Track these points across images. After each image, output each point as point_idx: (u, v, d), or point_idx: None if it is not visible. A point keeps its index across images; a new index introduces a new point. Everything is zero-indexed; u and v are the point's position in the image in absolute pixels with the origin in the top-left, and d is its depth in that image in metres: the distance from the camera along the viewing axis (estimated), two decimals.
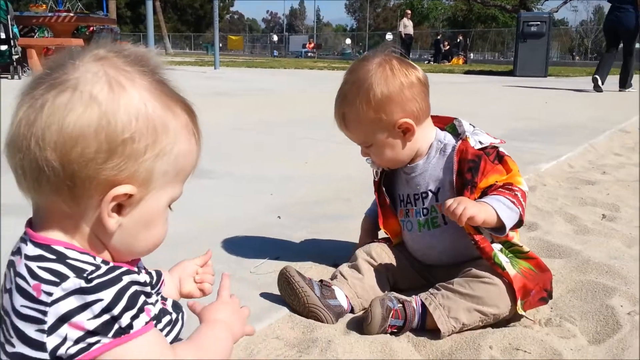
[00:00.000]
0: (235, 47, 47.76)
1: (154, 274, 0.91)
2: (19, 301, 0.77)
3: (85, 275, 0.77)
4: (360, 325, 1.68)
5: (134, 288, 0.80)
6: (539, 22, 15.93)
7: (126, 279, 0.79)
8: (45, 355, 0.76)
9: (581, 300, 1.91)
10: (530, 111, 7.67)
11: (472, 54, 37.74)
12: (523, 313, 1.71)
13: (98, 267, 0.79)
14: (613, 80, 10.77)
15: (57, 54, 0.83)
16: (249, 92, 10.14)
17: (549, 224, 2.70)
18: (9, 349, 0.79)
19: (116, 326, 0.77)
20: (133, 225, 0.83)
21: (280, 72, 16.72)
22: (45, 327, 0.76)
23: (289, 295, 1.75)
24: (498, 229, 1.65)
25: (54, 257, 0.78)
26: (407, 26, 24.51)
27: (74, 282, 0.76)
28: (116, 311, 0.77)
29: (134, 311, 0.78)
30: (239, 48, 48.26)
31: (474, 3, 40.36)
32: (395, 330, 1.66)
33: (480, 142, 1.78)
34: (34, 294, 0.76)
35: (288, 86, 11.86)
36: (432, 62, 28.30)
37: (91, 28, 17.51)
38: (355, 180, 3.45)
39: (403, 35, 24.58)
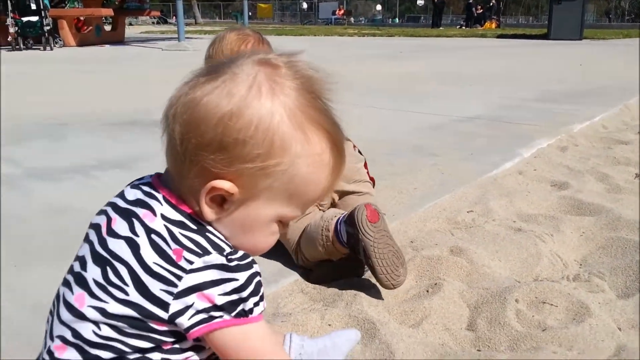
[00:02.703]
0: (265, 15, 47.41)
1: None
2: (151, 257, 0.79)
3: (225, 254, 0.80)
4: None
5: (259, 278, 0.83)
6: None
7: (255, 268, 0.83)
8: (164, 315, 0.79)
9: (611, 257, 1.89)
10: (564, 73, 7.49)
11: (505, 19, 36.73)
12: None
13: (235, 250, 0.82)
14: None
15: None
16: None
17: (580, 183, 2.66)
18: (117, 294, 0.80)
19: (240, 307, 0.80)
20: (231, 224, 0.83)
21: (308, 39, 16.59)
22: (175, 290, 0.78)
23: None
24: None
25: (195, 227, 0.81)
26: None
27: (216, 257, 0.79)
28: (245, 293, 0.80)
29: (257, 298, 0.82)
30: (268, 16, 47.89)
31: None
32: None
33: None
34: (174, 257, 0.79)
35: (313, 51, 11.76)
36: (464, 27, 27.71)
37: None
38: (384, 143, 3.44)
39: (435, 1, 24.10)
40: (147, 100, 4.66)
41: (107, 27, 16.43)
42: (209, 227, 0.83)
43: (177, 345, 0.85)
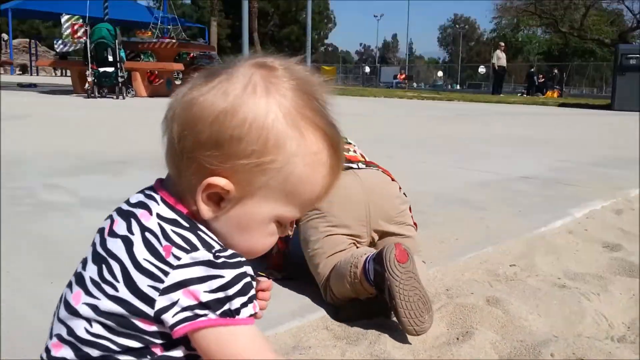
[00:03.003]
0: (329, 77, 48.48)
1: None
2: (142, 254, 0.80)
3: (213, 251, 0.80)
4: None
5: (249, 279, 0.81)
6: (638, 55, 15.12)
7: (245, 268, 0.81)
8: (151, 311, 0.79)
9: None
10: (624, 141, 7.27)
11: (569, 89, 36.29)
12: None
13: (224, 248, 0.82)
14: None
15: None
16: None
17: (634, 246, 2.53)
18: (108, 290, 0.81)
19: (227, 306, 0.78)
20: (228, 223, 0.83)
21: (368, 100, 16.81)
22: (161, 286, 0.78)
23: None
24: None
25: (187, 225, 0.81)
26: (500, 58, 23.96)
27: (204, 254, 0.79)
28: (231, 292, 0.78)
29: (244, 299, 0.80)
30: (331, 78, 49.01)
31: (571, 37, 39.04)
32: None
33: None
34: (163, 253, 0.79)
35: (372, 110, 11.89)
36: (524, 95, 27.52)
37: (191, 54, 18.40)
38: (431, 195, 3.40)
39: (496, 67, 24.08)
40: None
41: (178, 82, 17.14)
42: (202, 227, 0.82)
43: (169, 353, 0.83)
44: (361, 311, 1.73)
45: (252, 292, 0.82)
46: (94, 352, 0.82)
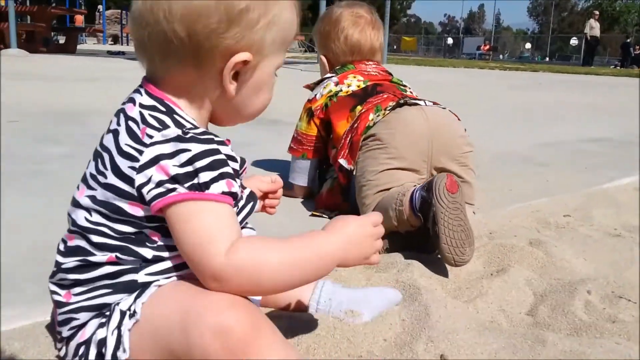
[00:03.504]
0: (409, 48, 47.61)
1: (238, 158, 0.92)
2: (125, 140, 0.84)
3: (184, 129, 0.84)
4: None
5: (222, 156, 0.84)
6: None
7: (217, 146, 0.84)
8: (133, 191, 0.83)
9: None
10: None
11: None
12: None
13: (196, 127, 0.86)
14: None
15: None
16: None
17: None
18: (101, 179, 0.86)
19: (195, 180, 0.81)
20: (246, 91, 0.91)
21: (445, 70, 16.39)
22: (137, 165, 0.82)
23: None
24: None
25: (164, 109, 0.86)
26: (593, 27, 22.70)
27: (174, 130, 0.83)
28: (198, 164, 0.81)
29: (214, 173, 0.82)
30: (412, 49, 48.02)
31: None
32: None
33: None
34: (139, 135, 0.83)
35: (447, 79, 11.59)
36: (618, 67, 25.96)
37: None
38: (491, 152, 3.30)
39: (588, 37, 22.86)
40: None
41: None
42: (179, 111, 0.87)
43: (170, 242, 0.86)
44: (399, 244, 1.71)
45: (226, 169, 0.83)
46: (96, 239, 0.87)
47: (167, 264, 0.88)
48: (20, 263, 1.47)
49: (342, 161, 1.91)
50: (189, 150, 0.81)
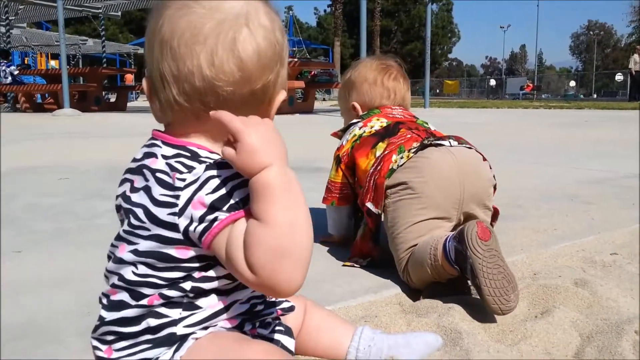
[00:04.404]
0: (451, 91, 47.63)
1: None
2: (158, 191, 0.88)
3: (209, 162, 0.88)
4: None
5: (243, 178, 0.86)
6: None
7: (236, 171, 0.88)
8: (179, 236, 0.86)
9: None
10: None
11: None
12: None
13: (219, 158, 0.89)
14: None
15: None
16: (446, 125, 10.06)
17: None
18: (141, 232, 0.89)
19: (231, 200, 0.84)
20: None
21: (489, 111, 16.30)
22: (177, 209, 0.85)
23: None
24: None
25: (189, 154, 0.89)
26: (637, 62, 22.25)
27: (201, 167, 0.87)
28: (230, 185, 0.85)
29: (247, 190, 0.85)
30: (454, 92, 48.04)
31: None
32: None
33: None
34: (171, 182, 0.87)
35: (491, 120, 11.51)
36: None
37: (312, 72, 18.91)
38: (535, 190, 3.25)
39: (633, 72, 22.43)
40: (311, 151, 4.93)
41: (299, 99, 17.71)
42: (202, 152, 0.89)
43: (206, 274, 0.89)
44: (443, 290, 1.70)
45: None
46: (146, 291, 0.89)
47: (205, 314, 0.90)
48: (67, 317, 1.52)
49: (369, 205, 1.88)
50: (219, 175, 0.85)
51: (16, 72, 14.58)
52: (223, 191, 0.84)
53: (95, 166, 4.44)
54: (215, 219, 0.83)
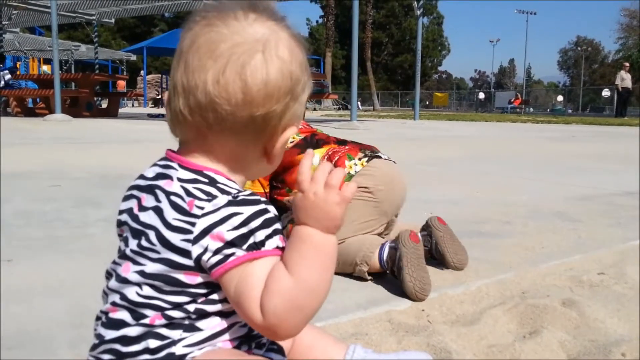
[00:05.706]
0: (441, 104, 47.94)
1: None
2: (171, 214, 0.88)
3: (233, 194, 0.88)
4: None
5: (271, 214, 0.88)
6: None
7: (265, 205, 0.88)
8: (190, 262, 0.86)
9: None
10: None
11: None
12: None
13: (243, 191, 0.90)
14: None
15: None
16: (436, 137, 10.14)
17: None
18: (151, 254, 0.89)
19: (251, 240, 0.85)
20: (281, 152, 0.97)
21: (477, 124, 16.43)
22: (191, 237, 0.85)
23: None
24: None
25: (207, 180, 0.90)
26: (624, 79, 22.56)
27: (224, 198, 0.87)
28: (253, 225, 0.85)
29: (268, 231, 0.86)
30: (444, 104, 48.35)
31: None
32: None
33: None
34: (187, 208, 0.87)
35: (478, 133, 11.61)
36: None
37: None
38: (523, 207, 3.29)
39: (620, 89, 22.72)
40: None
41: None
42: (220, 178, 0.90)
43: (210, 297, 0.90)
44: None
45: (277, 226, 0.87)
46: (149, 312, 0.89)
47: (205, 334, 0.90)
48: (58, 327, 1.52)
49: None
50: (241, 213, 0.85)
51: (8, 77, 14.52)
52: (244, 230, 0.84)
53: (87, 173, 4.43)
54: (231, 254, 0.84)
